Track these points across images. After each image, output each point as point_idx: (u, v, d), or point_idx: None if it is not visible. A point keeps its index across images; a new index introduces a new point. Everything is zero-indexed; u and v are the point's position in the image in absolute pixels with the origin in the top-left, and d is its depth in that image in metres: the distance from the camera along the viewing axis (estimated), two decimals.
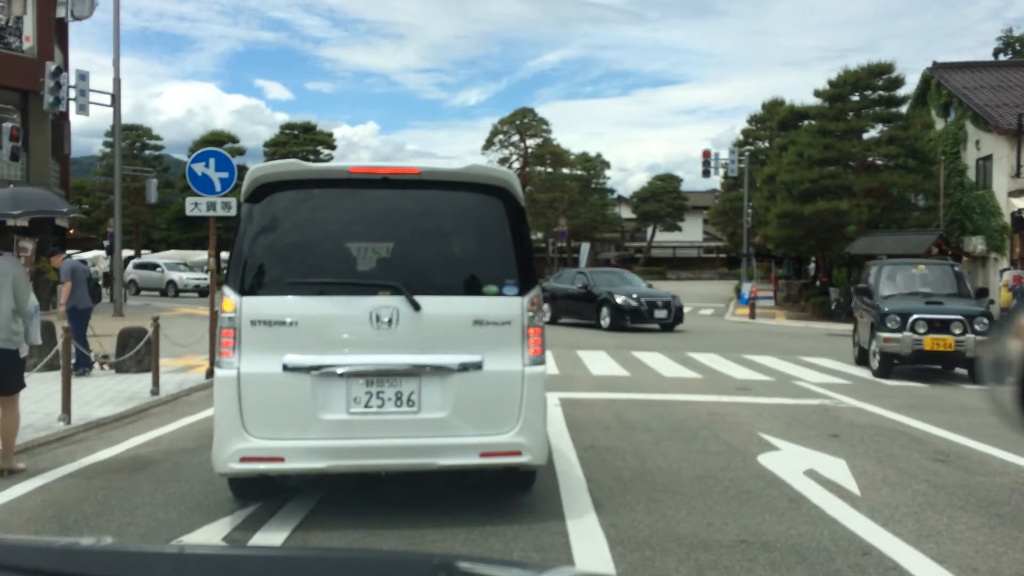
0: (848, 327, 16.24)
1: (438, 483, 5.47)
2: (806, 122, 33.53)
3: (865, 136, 30.49)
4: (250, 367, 4.50)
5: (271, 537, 4.48)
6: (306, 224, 4.81)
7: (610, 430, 7.67)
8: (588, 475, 5.88)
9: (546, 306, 20.80)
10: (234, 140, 53.65)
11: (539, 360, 4.75)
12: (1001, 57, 44.37)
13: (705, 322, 25.46)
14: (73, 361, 9.05)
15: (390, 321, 4.54)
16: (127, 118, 55.77)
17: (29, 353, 6.45)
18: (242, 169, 9.99)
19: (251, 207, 4.75)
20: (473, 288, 4.78)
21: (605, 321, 20.20)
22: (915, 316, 11.70)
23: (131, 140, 51.46)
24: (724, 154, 38.50)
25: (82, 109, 23.90)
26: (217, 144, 41.57)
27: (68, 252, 13.72)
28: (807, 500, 5.31)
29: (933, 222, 28.17)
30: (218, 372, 4.60)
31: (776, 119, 39.00)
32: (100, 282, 28.68)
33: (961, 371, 12.69)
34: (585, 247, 48.14)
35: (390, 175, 4.83)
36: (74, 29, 37.53)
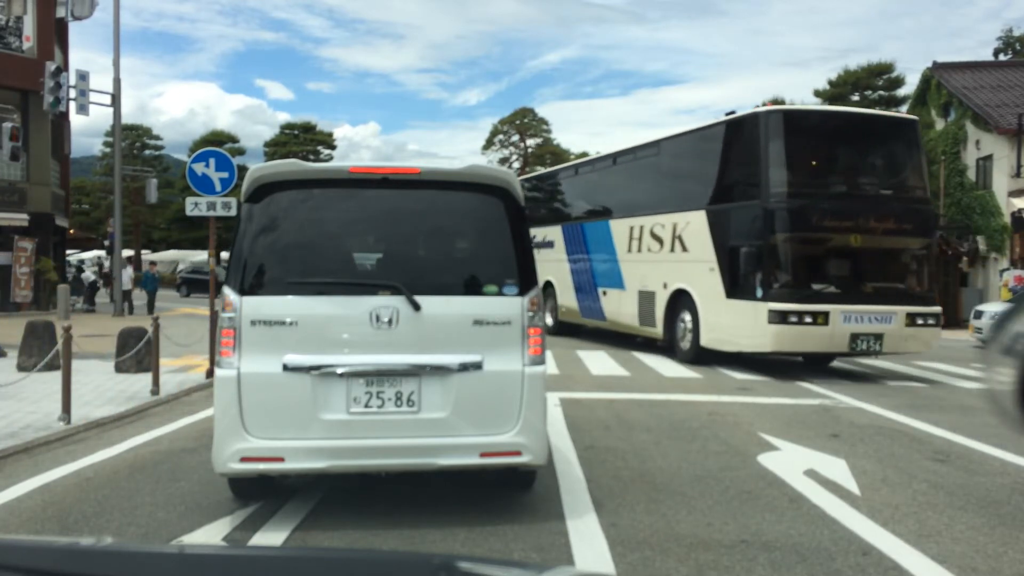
0: None
1: (438, 483, 5.47)
2: None
3: None
4: (250, 367, 4.50)
5: (271, 537, 4.48)
6: (306, 224, 4.81)
7: (610, 430, 7.67)
8: (588, 475, 5.88)
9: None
10: (234, 140, 53.72)
11: (539, 360, 4.74)
12: (1001, 57, 44.35)
13: None
14: None
15: (390, 321, 4.54)
16: (128, 118, 55.84)
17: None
18: (242, 169, 10.00)
19: (251, 207, 4.75)
20: (473, 288, 4.77)
21: None
22: None
23: (131, 140, 51.50)
24: None
25: (82, 109, 23.93)
26: (217, 144, 41.66)
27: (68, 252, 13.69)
28: (807, 500, 5.31)
29: None
30: (218, 372, 4.60)
31: None
32: (99, 284, 28.61)
33: (960, 370, 12.77)
34: None
35: (390, 175, 4.83)
36: (74, 29, 37.50)
